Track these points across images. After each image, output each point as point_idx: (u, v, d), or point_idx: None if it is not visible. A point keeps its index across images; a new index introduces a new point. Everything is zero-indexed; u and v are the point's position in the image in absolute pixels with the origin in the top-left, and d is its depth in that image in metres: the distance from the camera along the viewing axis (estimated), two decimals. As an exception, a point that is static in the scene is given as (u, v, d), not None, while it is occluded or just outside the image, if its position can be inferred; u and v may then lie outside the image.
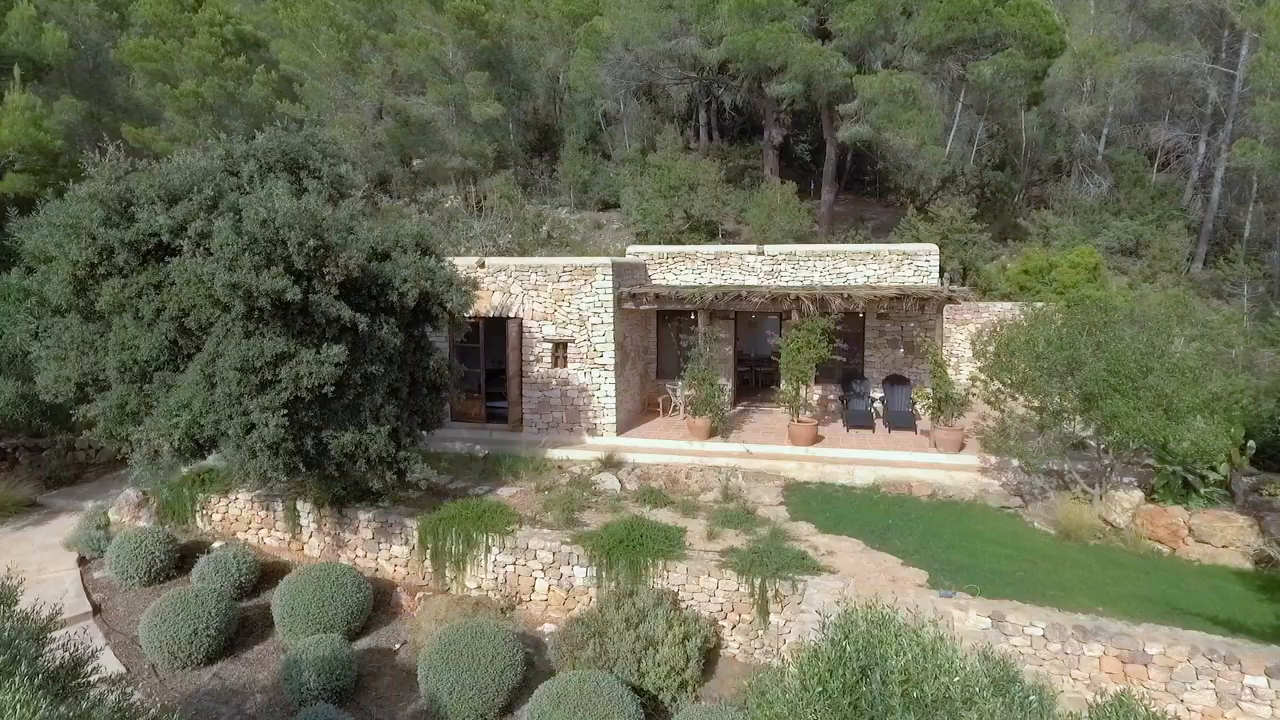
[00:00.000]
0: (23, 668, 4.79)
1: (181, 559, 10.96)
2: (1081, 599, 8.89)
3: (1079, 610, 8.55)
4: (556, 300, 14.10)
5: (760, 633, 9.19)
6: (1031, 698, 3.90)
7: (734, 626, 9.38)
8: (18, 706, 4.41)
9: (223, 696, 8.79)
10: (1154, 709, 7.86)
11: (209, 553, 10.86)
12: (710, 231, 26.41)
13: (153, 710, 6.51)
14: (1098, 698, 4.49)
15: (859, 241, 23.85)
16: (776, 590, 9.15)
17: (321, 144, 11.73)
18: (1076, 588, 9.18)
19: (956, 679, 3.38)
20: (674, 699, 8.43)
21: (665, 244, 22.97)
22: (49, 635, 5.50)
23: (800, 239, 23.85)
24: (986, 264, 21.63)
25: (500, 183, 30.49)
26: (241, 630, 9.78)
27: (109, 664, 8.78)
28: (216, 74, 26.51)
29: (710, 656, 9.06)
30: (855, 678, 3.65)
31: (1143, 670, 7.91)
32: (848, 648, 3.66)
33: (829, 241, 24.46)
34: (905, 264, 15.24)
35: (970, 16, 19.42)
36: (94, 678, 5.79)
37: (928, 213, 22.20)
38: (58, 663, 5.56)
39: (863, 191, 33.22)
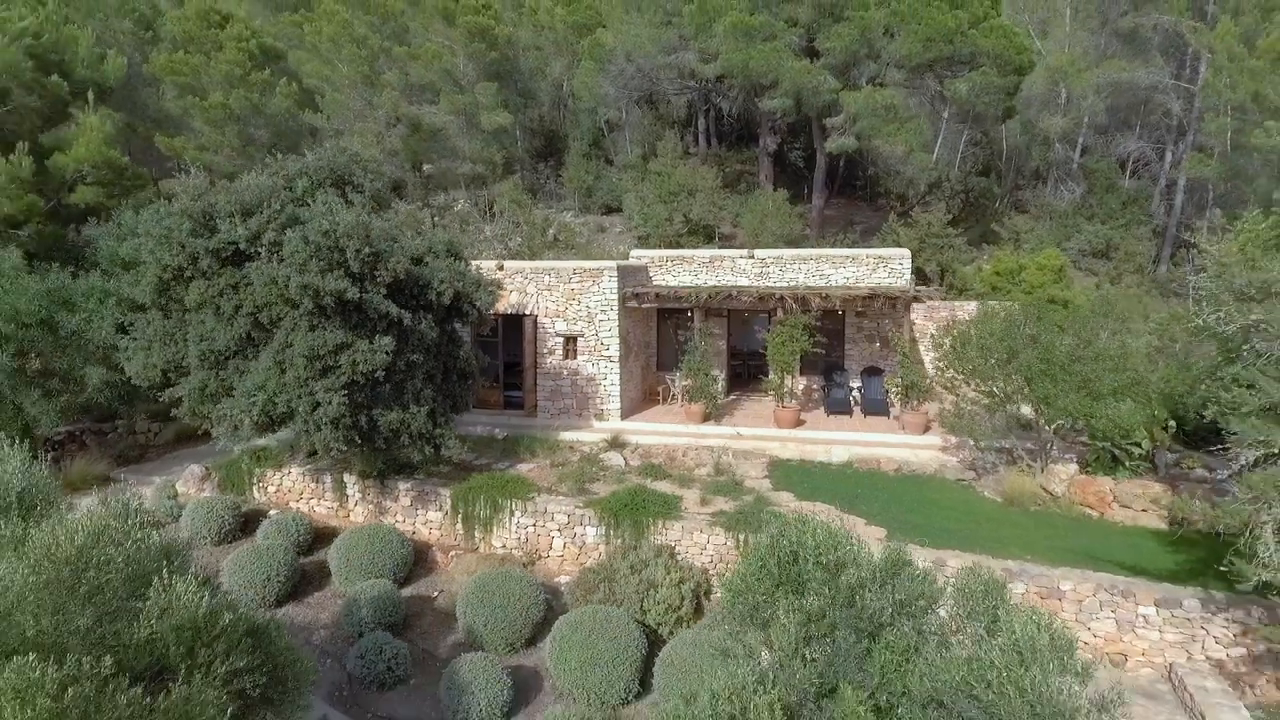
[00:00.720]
0: (191, 569, 6.54)
1: (244, 523, 12.66)
2: (1014, 550, 10.55)
3: (1010, 558, 10.23)
4: (568, 299, 15.76)
5: (744, 580, 10.84)
6: (919, 573, 5.57)
7: (721, 575, 11.04)
8: (192, 594, 6.11)
9: (292, 631, 10.43)
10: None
11: (268, 518, 12.58)
12: (708, 235, 28.02)
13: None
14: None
15: (848, 244, 25.53)
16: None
17: (363, 162, 13.40)
18: (1012, 542, 10.84)
19: (849, 549, 5.03)
20: (671, 632, 10.08)
21: (665, 247, 24.61)
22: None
23: (792, 242, 25.47)
24: (964, 266, 23.25)
25: (509, 188, 32.13)
26: (301, 581, 11.47)
27: (196, 604, 10.46)
28: (243, 87, 28.16)
29: (701, 599, 10.72)
30: (788, 559, 5.31)
31: (1057, 604, 9.57)
32: (781, 540, 5.32)
33: (818, 244, 26.11)
34: (880, 267, 16.89)
35: (946, 38, 21.04)
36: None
37: (910, 218, 23.84)
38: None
39: (855, 195, 34.83)
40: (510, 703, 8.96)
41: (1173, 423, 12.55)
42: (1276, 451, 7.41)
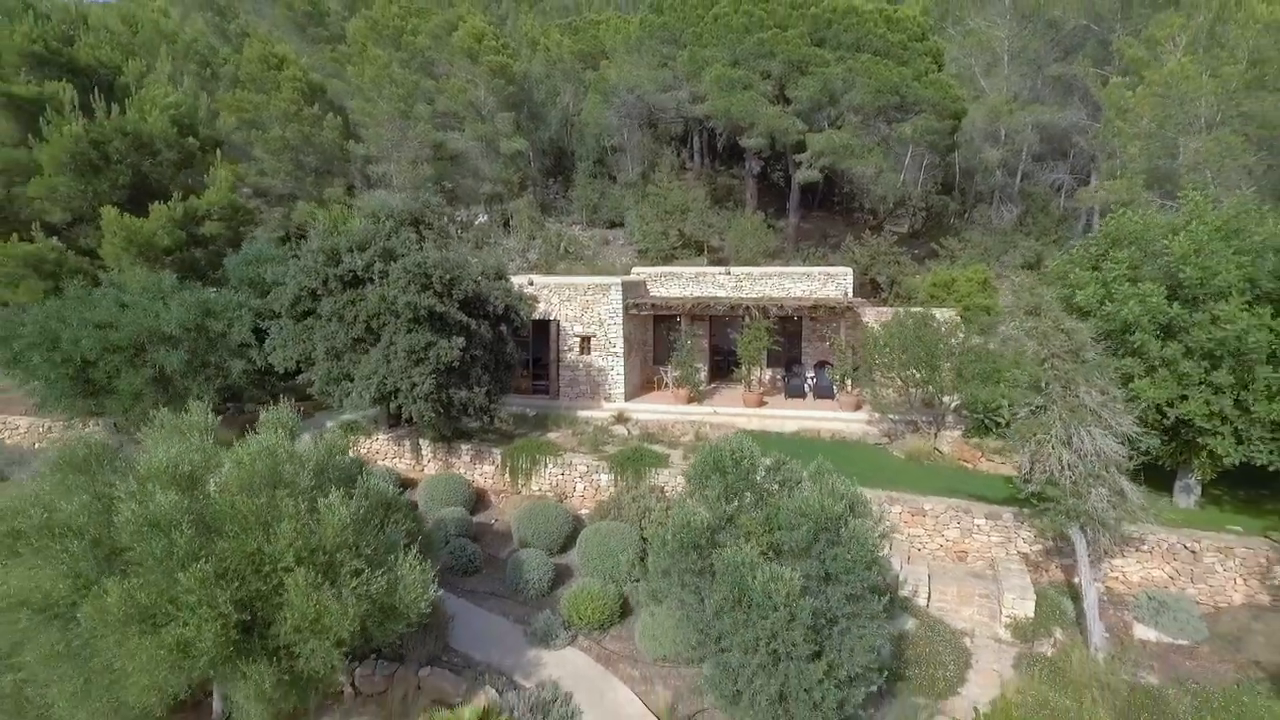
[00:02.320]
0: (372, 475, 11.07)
1: (348, 475, 17.13)
2: (902, 486, 15.02)
3: (894, 490, 14.71)
4: (583, 308, 20.24)
5: (712, 509, 15.32)
6: (792, 467, 10.08)
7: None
8: (382, 485, 10.59)
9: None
10: (928, 543, 14.00)
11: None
12: (698, 248, 32.46)
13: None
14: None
15: (818, 258, 30.14)
16: (722, 483, 15.28)
17: (433, 205, 17.87)
18: (902, 482, 15.30)
19: (752, 449, 9.50)
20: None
21: (662, 260, 29.14)
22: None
23: (771, 255, 29.95)
24: (911, 277, 27.73)
25: (523, 205, 36.57)
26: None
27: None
28: (297, 121, 32.62)
29: (682, 521, 15.18)
30: (719, 456, 9.79)
31: (921, 518, 14.05)
32: (717, 447, 9.80)
33: (794, 257, 30.72)
34: (830, 281, 21.37)
35: (893, 89, 25.51)
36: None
37: (863, 239, 28.35)
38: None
39: (833, 210, 39.28)
40: (552, 580, 13.47)
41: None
42: (1034, 409, 11.86)
